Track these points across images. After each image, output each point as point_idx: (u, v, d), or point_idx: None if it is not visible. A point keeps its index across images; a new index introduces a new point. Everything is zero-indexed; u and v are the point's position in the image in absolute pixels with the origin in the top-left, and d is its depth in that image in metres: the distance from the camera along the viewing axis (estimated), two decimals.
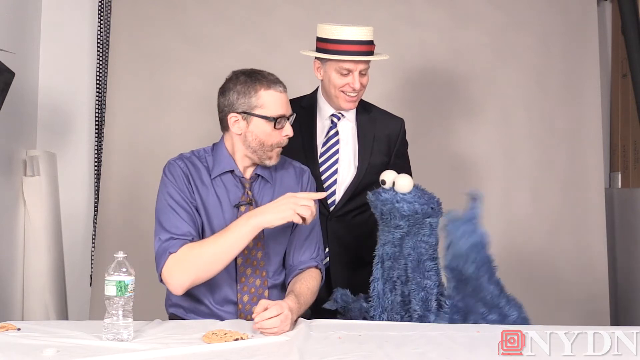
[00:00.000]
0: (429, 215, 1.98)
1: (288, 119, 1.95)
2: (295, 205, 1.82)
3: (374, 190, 2.05)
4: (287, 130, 1.95)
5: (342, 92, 2.27)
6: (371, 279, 2.06)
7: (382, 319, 2.00)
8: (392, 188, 2.00)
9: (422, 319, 1.94)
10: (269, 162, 1.97)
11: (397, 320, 1.98)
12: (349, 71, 2.23)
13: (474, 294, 1.93)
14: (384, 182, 2.02)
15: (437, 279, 2.00)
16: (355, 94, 2.27)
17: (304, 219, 1.83)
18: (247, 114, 1.93)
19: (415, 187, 2.01)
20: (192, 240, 1.88)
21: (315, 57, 2.30)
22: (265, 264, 1.98)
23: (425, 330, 1.79)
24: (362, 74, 2.25)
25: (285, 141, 1.97)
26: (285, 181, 2.05)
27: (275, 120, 1.92)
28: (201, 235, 1.95)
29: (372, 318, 2.03)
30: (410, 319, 1.97)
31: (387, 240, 2.03)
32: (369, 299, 2.06)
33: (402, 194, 1.98)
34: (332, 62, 2.25)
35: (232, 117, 1.95)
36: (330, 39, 2.24)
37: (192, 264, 1.84)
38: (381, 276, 2.04)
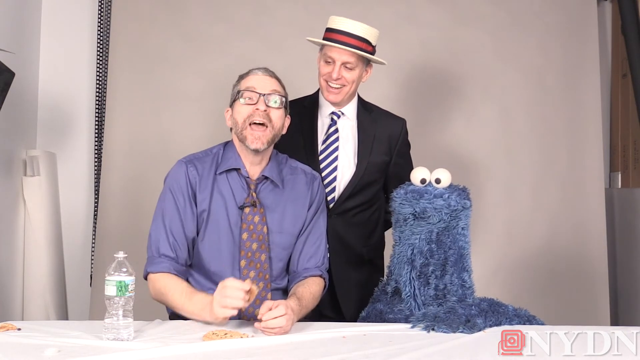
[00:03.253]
0: (464, 207, 2.00)
1: (263, 96, 1.94)
2: (221, 302, 1.74)
3: (412, 188, 2.04)
4: (259, 105, 1.94)
5: (326, 81, 2.29)
6: (399, 284, 2.05)
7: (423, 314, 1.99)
8: (430, 184, 2.02)
9: (452, 309, 1.94)
10: (248, 144, 1.94)
11: (436, 310, 1.96)
12: (333, 60, 2.25)
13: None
14: (424, 180, 2.02)
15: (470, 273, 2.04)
16: (337, 87, 2.28)
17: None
18: (232, 103, 2.01)
19: None
20: (175, 261, 1.93)
21: (319, 49, 2.33)
22: (268, 267, 1.98)
23: None
24: (346, 67, 2.25)
25: (256, 115, 1.93)
26: (296, 187, 2.06)
27: (239, 94, 1.95)
28: (204, 234, 1.96)
29: (407, 318, 2.02)
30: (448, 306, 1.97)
31: (420, 239, 2.02)
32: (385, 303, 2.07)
33: (444, 189, 2.00)
34: (322, 51, 2.30)
35: (227, 113, 2.03)
36: (328, 27, 2.30)
37: (160, 296, 1.92)
38: (410, 278, 2.03)
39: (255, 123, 1.93)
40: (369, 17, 2.62)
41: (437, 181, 2.02)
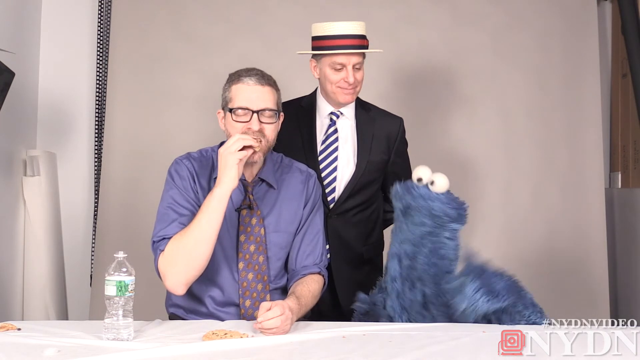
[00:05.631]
0: (454, 220, 1.97)
1: (257, 113, 1.91)
2: (233, 156, 1.81)
3: (406, 183, 2.01)
4: (252, 124, 1.90)
5: (339, 87, 2.28)
6: (388, 278, 2.03)
7: (402, 319, 1.97)
8: (427, 185, 1.98)
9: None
10: None
11: (419, 321, 1.94)
12: (343, 65, 2.24)
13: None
14: (420, 180, 1.98)
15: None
16: (352, 88, 2.28)
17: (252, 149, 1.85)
18: (223, 109, 1.99)
19: (447, 190, 1.99)
20: None
21: (312, 56, 2.32)
22: (266, 269, 1.97)
23: (429, 330, 1.79)
24: (356, 68, 2.26)
25: (250, 134, 1.89)
26: (292, 186, 2.05)
27: (231, 111, 1.92)
28: None
29: (391, 319, 2.00)
30: (434, 320, 1.95)
31: (405, 238, 1.99)
32: (381, 297, 2.05)
33: (436, 193, 1.96)
34: (326, 59, 2.27)
35: (219, 115, 2.01)
36: (322, 35, 2.27)
37: (179, 257, 1.83)
38: (399, 275, 2.02)
39: None
40: (369, 18, 2.62)
41: (431, 183, 1.99)
